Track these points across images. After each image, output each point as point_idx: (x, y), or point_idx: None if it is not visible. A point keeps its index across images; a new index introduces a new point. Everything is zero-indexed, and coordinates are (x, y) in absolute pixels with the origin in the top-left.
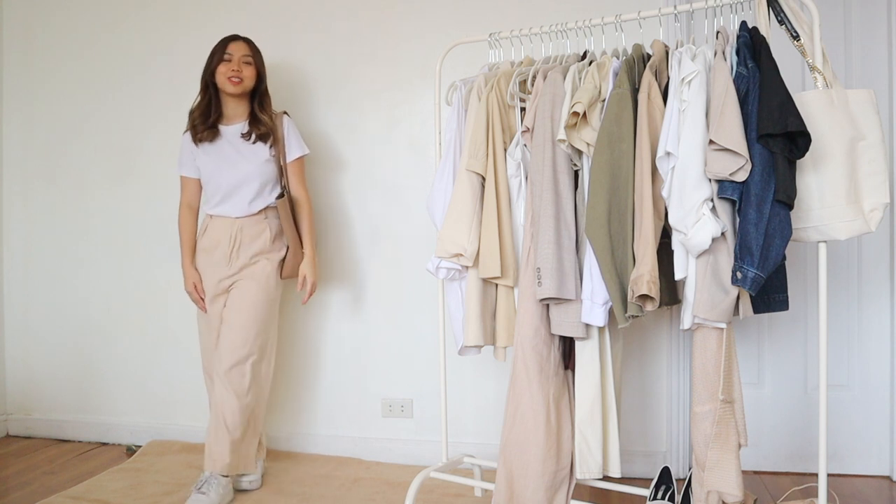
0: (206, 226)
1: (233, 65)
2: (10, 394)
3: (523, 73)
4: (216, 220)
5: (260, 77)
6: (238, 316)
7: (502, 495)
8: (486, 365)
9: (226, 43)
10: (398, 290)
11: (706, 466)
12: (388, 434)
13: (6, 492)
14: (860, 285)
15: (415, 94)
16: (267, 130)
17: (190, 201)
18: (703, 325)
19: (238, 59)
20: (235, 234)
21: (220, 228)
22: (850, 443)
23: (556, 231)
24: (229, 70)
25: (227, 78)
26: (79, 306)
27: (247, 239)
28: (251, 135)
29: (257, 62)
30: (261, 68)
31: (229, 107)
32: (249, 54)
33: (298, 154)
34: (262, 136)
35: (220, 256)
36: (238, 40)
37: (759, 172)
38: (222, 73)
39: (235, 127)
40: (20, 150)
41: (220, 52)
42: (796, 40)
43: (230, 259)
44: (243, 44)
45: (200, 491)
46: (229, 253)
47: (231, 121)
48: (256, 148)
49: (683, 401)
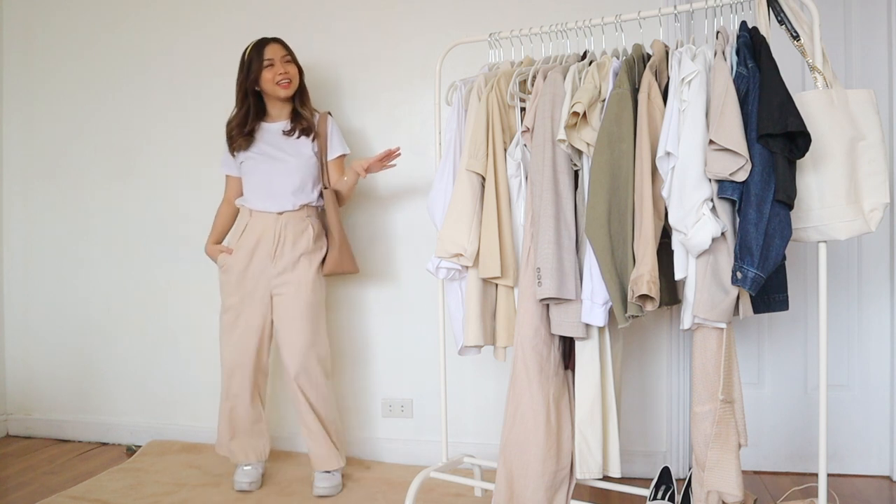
0: (246, 223)
1: (277, 68)
2: (10, 394)
3: (523, 73)
4: (257, 216)
5: (301, 74)
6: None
7: (502, 495)
8: (486, 365)
9: (261, 48)
10: (398, 290)
11: (706, 466)
12: (388, 434)
13: (6, 492)
14: (860, 285)
15: (415, 94)
16: (308, 125)
17: (231, 198)
18: (703, 325)
19: (279, 61)
20: (280, 230)
21: (262, 224)
22: (850, 443)
23: (556, 231)
24: (276, 75)
25: (277, 83)
26: (79, 306)
27: (290, 236)
28: (294, 131)
29: (295, 59)
30: (299, 64)
31: (276, 108)
32: (287, 53)
33: (340, 152)
34: (305, 131)
35: (264, 254)
36: (273, 43)
37: (759, 172)
38: (269, 79)
39: (277, 125)
40: (20, 150)
41: (258, 59)
42: (796, 40)
43: (274, 257)
44: (278, 45)
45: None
46: (273, 251)
47: (275, 119)
48: (299, 143)
49: (683, 401)
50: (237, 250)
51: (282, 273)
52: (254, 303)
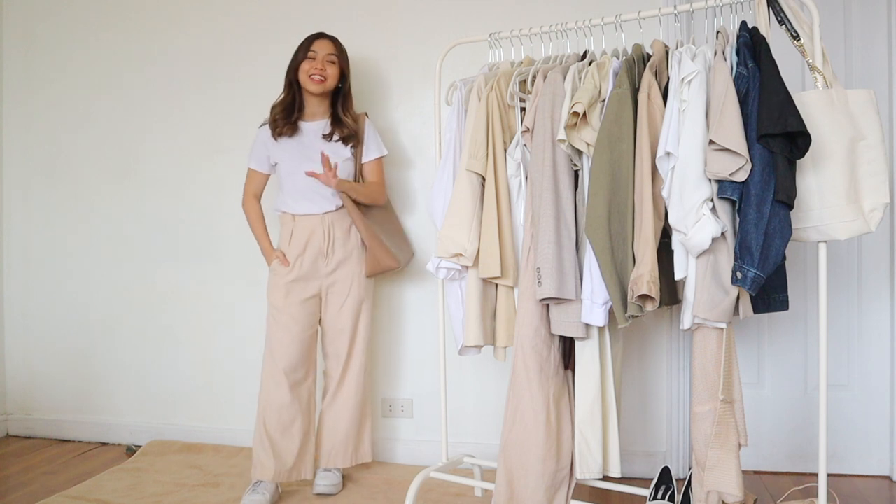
0: (292, 228)
1: (317, 63)
2: (10, 394)
3: (523, 73)
4: (301, 220)
5: (343, 76)
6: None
7: (502, 495)
8: (486, 365)
9: (311, 40)
10: (398, 290)
11: (706, 466)
12: (388, 434)
13: (6, 492)
14: (860, 285)
15: (415, 94)
16: (350, 132)
17: (255, 192)
18: (703, 325)
19: (322, 57)
20: (328, 229)
21: (309, 227)
22: (850, 443)
23: (556, 231)
24: (312, 68)
25: (310, 76)
26: (79, 306)
27: (340, 234)
28: (332, 135)
29: (342, 61)
30: (345, 68)
31: (312, 104)
32: (334, 53)
33: (376, 155)
34: (345, 139)
35: (315, 253)
36: (324, 38)
37: (759, 172)
38: (305, 70)
39: (317, 124)
40: (20, 150)
41: (304, 50)
42: (796, 40)
43: (327, 255)
44: (329, 42)
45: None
46: (326, 248)
47: (312, 118)
48: (337, 146)
49: (683, 401)
50: (289, 256)
51: (334, 271)
52: (306, 303)
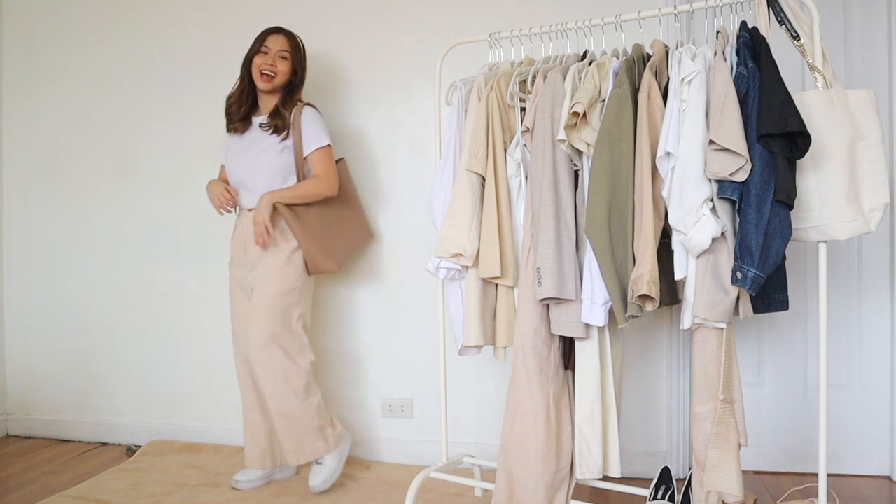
0: (236, 223)
1: (268, 58)
2: (10, 394)
3: (523, 73)
4: (244, 215)
5: (295, 73)
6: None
7: (502, 495)
8: (486, 365)
9: (266, 35)
10: (398, 290)
11: (706, 466)
12: (388, 434)
13: (6, 492)
14: (860, 285)
15: (415, 94)
16: (285, 125)
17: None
18: (703, 325)
19: (275, 52)
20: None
21: (245, 219)
22: (850, 443)
23: (556, 231)
24: (263, 63)
25: (260, 72)
26: (79, 306)
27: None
28: (269, 127)
29: (295, 58)
30: (297, 65)
31: (262, 98)
32: (287, 49)
33: (315, 146)
34: (277, 129)
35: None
36: (279, 33)
37: (759, 172)
38: (257, 65)
39: (263, 118)
40: (20, 150)
41: (258, 43)
42: (796, 40)
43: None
44: (283, 38)
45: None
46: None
47: (262, 112)
48: (271, 139)
49: (683, 401)
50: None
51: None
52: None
